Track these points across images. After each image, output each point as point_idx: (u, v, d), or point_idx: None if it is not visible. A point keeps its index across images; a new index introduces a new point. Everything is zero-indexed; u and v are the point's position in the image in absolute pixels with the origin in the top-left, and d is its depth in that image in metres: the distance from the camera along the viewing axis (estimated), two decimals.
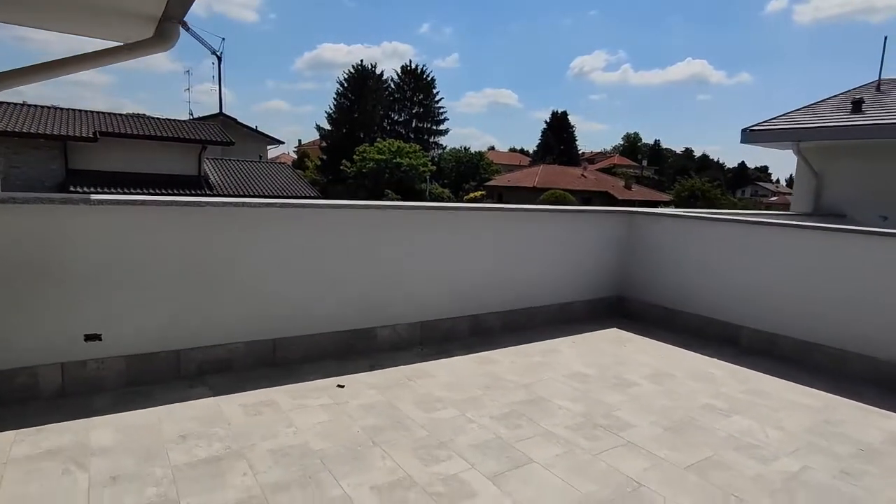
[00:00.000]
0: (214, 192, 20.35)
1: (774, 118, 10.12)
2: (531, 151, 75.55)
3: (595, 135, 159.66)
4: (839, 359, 4.54)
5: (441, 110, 56.30)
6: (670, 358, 4.78)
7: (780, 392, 4.06)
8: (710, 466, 2.92)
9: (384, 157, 41.13)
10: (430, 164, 43.25)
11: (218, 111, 34.18)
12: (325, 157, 48.86)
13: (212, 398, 3.43)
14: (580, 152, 73.60)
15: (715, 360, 4.77)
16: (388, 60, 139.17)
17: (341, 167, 43.67)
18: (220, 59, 55.09)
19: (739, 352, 5.03)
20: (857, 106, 9.30)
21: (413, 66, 54.97)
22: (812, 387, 4.19)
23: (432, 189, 39.37)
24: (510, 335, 5.18)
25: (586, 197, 42.95)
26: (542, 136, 70.20)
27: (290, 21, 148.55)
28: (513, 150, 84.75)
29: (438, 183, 46.55)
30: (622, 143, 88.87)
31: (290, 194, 22.21)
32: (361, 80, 50.80)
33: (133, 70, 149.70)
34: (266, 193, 21.64)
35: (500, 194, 45.03)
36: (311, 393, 3.60)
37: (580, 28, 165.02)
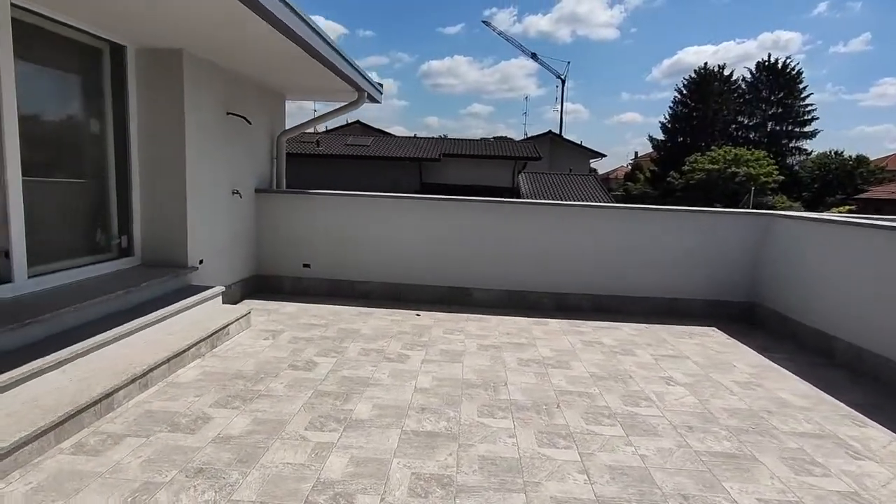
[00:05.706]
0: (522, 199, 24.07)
1: None
2: None
3: None
4: None
5: (808, 109, 47.97)
6: (709, 354, 4.93)
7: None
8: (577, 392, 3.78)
9: (717, 167, 38.18)
10: (775, 172, 37.79)
11: (551, 129, 38.62)
12: (655, 168, 48.21)
13: (349, 307, 5.99)
14: None
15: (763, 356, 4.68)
16: (763, 55, 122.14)
17: (668, 179, 42.56)
18: (563, 81, 60.42)
19: (797, 348, 4.67)
20: None
21: (772, 60, 48.51)
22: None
23: (760, 202, 34.22)
24: (593, 314, 6.09)
25: None
26: None
27: (650, 31, 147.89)
28: None
29: (789, 196, 40.01)
30: None
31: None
32: (704, 85, 48.01)
33: (506, 100, 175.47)
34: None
35: (877, 209, 35.58)
36: (394, 314, 5.78)
37: None
